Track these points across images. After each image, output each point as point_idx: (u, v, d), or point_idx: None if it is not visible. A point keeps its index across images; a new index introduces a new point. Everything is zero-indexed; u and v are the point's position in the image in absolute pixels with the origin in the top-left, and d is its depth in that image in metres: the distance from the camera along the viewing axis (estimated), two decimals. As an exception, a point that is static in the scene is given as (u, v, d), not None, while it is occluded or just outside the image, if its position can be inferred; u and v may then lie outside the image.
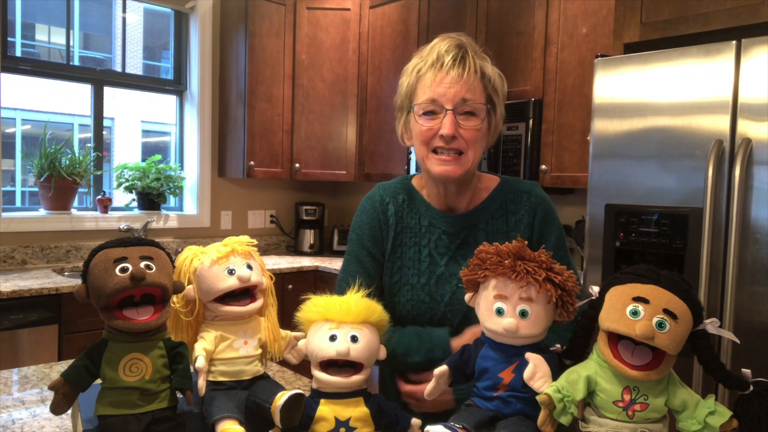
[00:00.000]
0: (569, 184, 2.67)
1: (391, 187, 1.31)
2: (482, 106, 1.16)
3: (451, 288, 1.21)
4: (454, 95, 1.13)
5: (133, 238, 0.91)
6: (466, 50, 1.16)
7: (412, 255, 1.25)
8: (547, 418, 0.80)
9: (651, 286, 0.78)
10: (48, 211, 3.25)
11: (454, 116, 1.13)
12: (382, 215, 1.28)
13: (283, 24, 3.74)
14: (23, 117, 7.83)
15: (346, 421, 0.89)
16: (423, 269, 1.24)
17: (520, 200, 1.25)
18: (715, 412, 0.77)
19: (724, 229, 1.75)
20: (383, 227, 1.28)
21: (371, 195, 1.32)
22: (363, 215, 1.30)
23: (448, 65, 1.14)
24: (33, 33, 9.22)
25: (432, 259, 1.24)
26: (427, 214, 1.26)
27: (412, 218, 1.27)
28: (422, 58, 1.18)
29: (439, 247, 1.24)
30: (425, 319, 1.22)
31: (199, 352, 0.91)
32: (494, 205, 1.25)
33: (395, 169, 3.52)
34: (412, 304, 1.22)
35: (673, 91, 1.88)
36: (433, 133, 1.15)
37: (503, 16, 2.95)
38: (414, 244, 1.25)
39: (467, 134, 1.14)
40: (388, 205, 1.28)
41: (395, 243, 1.27)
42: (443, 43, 1.17)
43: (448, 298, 1.21)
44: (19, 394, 1.29)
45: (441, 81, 1.14)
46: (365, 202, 1.32)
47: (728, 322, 1.72)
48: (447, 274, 1.22)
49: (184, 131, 3.93)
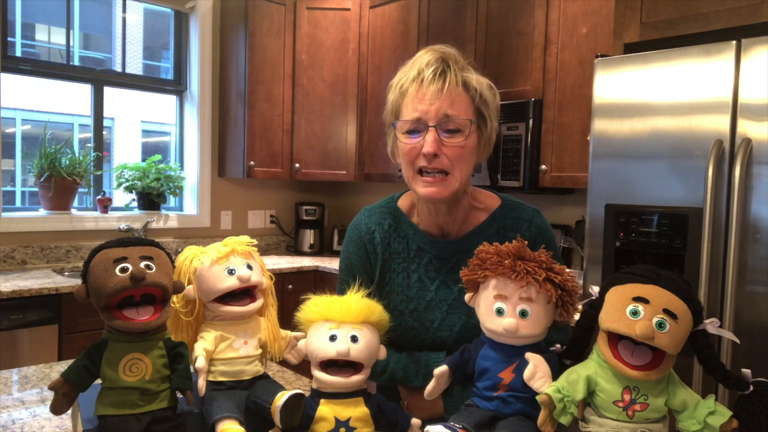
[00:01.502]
0: (569, 184, 2.67)
1: (377, 212, 1.28)
2: (466, 122, 1.10)
3: (441, 314, 1.19)
4: (436, 111, 1.08)
5: (133, 238, 0.91)
6: (448, 63, 1.11)
7: (401, 281, 1.22)
8: (547, 418, 0.80)
9: (651, 286, 0.78)
10: (48, 211, 3.25)
11: (437, 133, 1.08)
12: (369, 244, 1.25)
13: (283, 24, 3.74)
14: (23, 117, 7.83)
15: (346, 421, 0.89)
16: (412, 295, 1.21)
17: (520, 228, 1.20)
18: (715, 412, 0.77)
19: (724, 229, 1.75)
20: (371, 256, 1.25)
21: (357, 223, 1.29)
22: (350, 246, 1.28)
23: (428, 79, 1.09)
24: (33, 33, 9.22)
25: (422, 283, 1.21)
26: (415, 238, 1.23)
27: (399, 243, 1.23)
28: (405, 73, 1.14)
29: (429, 271, 1.21)
30: (414, 346, 1.21)
31: (199, 352, 0.91)
32: (491, 230, 1.20)
33: (395, 169, 3.52)
34: (400, 331, 1.20)
35: (673, 91, 1.88)
36: (416, 153, 1.11)
37: (503, 16, 2.95)
38: (403, 269, 1.22)
39: (451, 152, 1.09)
40: (374, 233, 1.25)
41: (383, 270, 1.24)
42: (425, 56, 1.12)
43: (437, 324, 1.19)
44: (19, 394, 1.29)
45: (423, 97, 1.09)
46: (351, 232, 1.29)
47: (728, 322, 1.72)
48: (437, 300, 1.19)
49: (184, 131, 3.93)
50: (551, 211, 3.04)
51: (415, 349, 1.21)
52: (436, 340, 1.19)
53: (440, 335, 1.19)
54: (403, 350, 1.22)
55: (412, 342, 1.21)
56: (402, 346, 1.22)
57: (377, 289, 1.23)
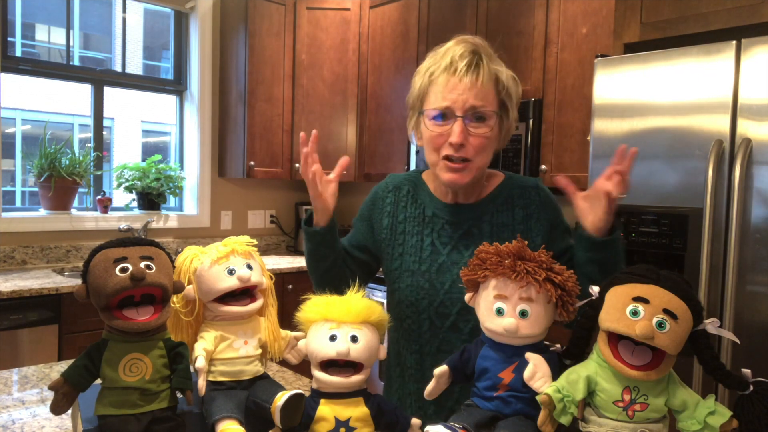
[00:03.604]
0: (569, 184, 2.67)
1: (399, 178, 1.36)
2: (492, 113, 1.16)
3: (452, 276, 1.22)
4: (464, 102, 1.13)
5: (133, 238, 0.91)
6: (481, 56, 1.16)
7: (415, 243, 1.27)
8: (547, 418, 0.80)
9: (651, 286, 0.78)
10: (48, 211, 3.25)
11: (464, 123, 1.14)
12: (380, 201, 1.34)
13: (283, 24, 3.74)
14: (23, 117, 7.83)
15: (346, 421, 0.89)
16: (425, 257, 1.25)
17: (529, 195, 1.26)
18: (715, 412, 0.77)
19: (724, 229, 1.75)
20: (377, 209, 1.34)
21: (377, 185, 1.38)
22: (366, 203, 1.39)
23: (462, 72, 1.13)
24: (33, 33, 9.22)
25: (434, 247, 1.25)
26: (431, 204, 1.29)
27: (416, 208, 1.30)
28: (436, 61, 1.18)
29: (442, 236, 1.25)
30: (423, 305, 1.23)
31: (199, 352, 0.91)
32: (500, 198, 1.26)
33: (395, 169, 3.52)
34: (411, 290, 1.24)
35: (673, 91, 1.88)
36: (443, 140, 1.16)
37: (503, 16, 2.95)
38: (417, 232, 1.28)
39: (476, 141, 1.15)
40: (388, 193, 1.34)
41: (396, 231, 1.30)
42: (458, 48, 1.16)
43: (448, 286, 1.22)
44: (19, 394, 1.29)
45: (454, 87, 1.14)
46: (371, 192, 1.39)
47: (728, 322, 1.72)
48: (448, 263, 1.23)
49: (184, 131, 3.93)
50: (551, 211, 3.03)
51: (426, 311, 1.23)
52: (445, 301, 1.22)
53: (450, 297, 1.21)
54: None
55: (422, 302, 1.23)
56: (412, 307, 1.24)
57: (388, 249, 1.30)
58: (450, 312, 1.21)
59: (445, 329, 1.22)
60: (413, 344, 1.25)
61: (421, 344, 1.24)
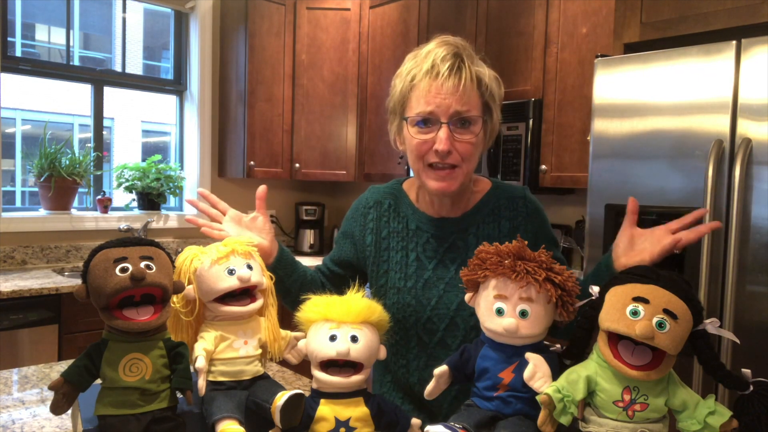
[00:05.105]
0: (569, 184, 2.67)
1: (380, 191, 1.32)
2: (477, 118, 1.13)
3: (438, 292, 1.20)
4: (448, 107, 1.10)
5: (133, 238, 0.91)
6: (463, 59, 1.12)
7: (399, 259, 1.25)
8: (547, 418, 0.80)
9: (651, 286, 0.78)
10: (48, 211, 3.25)
11: (449, 130, 1.11)
12: (362, 218, 1.31)
13: (283, 24, 3.74)
14: (23, 117, 7.82)
15: (346, 421, 0.89)
16: (410, 273, 1.23)
17: (516, 207, 1.23)
18: (715, 412, 0.77)
19: (724, 229, 1.75)
20: (358, 227, 1.31)
21: (358, 200, 1.35)
22: (347, 219, 1.36)
23: (444, 75, 1.10)
24: (33, 33, 9.22)
25: (420, 262, 1.23)
26: (414, 217, 1.26)
27: (398, 222, 1.27)
28: (417, 63, 1.14)
29: (427, 251, 1.23)
30: (411, 322, 1.22)
31: (199, 352, 0.91)
32: (486, 209, 1.24)
33: (395, 168, 3.52)
34: (397, 307, 1.22)
35: (673, 91, 1.88)
36: (428, 147, 1.12)
37: (503, 16, 2.95)
38: (401, 248, 1.25)
39: (462, 148, 1.12)
40: (370, 209, 1.30)
41: (380, 247, 1.27)
42: (440, 50, 1.12)
43: (434, 302, 1.20)
44: (19, 394, 1.29)
45: (437, 92, 1.10)
46: (352, 207, 1.36)
47: (728, 322, 1.72)
48: (434, 278, 1.21)
49: (184, 131, 3.93)
50: (551, 211, 3.04)
51: (413, 327, 1.21)
52: (432, 318, 1.20)
53: (437, 313, 1.20)
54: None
55: (409, 320, 1.22)
56: (400, 325, 1.22)
57: (374, 266, 1.27)
58: (437, 328, 1.20)
59: (433, 345, 1.21)
60: (401, 359, 1.24)
61: (409, 359, 1.23)
